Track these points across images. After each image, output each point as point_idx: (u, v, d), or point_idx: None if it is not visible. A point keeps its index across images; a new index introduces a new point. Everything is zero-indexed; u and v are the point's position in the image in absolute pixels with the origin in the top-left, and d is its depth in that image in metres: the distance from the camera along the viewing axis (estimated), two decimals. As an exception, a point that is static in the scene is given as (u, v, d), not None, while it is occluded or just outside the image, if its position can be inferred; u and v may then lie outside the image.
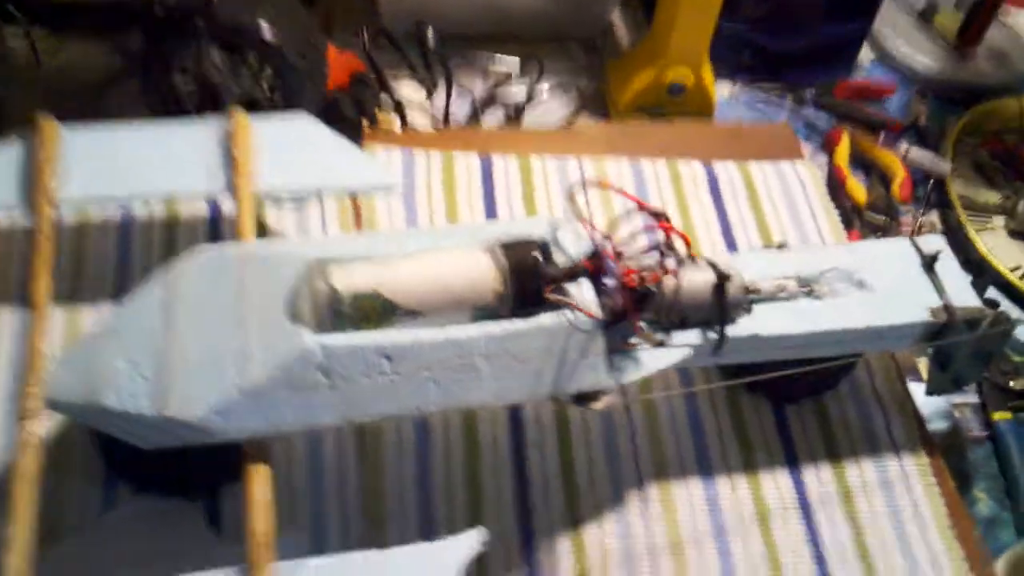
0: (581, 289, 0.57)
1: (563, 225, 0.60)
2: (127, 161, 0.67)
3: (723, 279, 0.61)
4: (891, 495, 0.70)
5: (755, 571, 0.65)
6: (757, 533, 0.67)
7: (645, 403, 0.71)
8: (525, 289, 0.56)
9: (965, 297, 0.67)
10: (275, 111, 0.76)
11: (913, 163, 0.97)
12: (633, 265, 0.59)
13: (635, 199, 0.58)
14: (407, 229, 0.76)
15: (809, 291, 0.66)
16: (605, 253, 0.57)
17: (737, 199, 0.86)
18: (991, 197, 1.01)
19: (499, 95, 0.96)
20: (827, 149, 1.00)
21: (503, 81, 0.97)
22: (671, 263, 0.58)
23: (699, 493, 0.68)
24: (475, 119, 0.94)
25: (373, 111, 0.86)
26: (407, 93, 0.94)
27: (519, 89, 0.96)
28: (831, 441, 0.72)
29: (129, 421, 0.53)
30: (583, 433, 0.70)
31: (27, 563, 0.51)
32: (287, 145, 0.70)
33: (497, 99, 0.96)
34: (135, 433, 0.55)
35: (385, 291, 0.55)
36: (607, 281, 0.57)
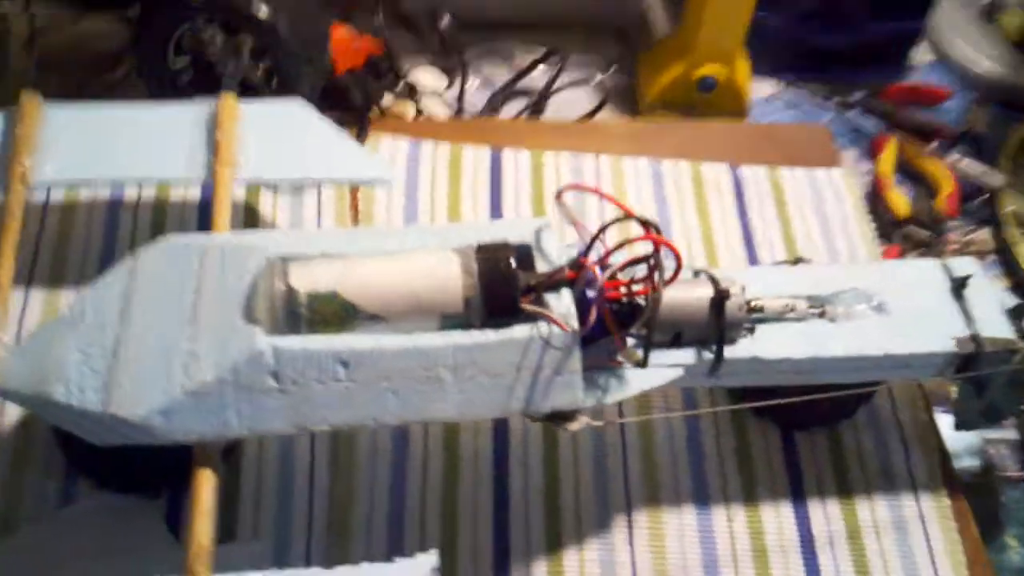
0: (561, 300, 0.53)
1: (549, 229, 0.56)
2: (109, 142, 0.65)
3: (721, 295, 0.57)
4: (904, 537, 0.64)
5: (746, 611, 0.61)
6: (751, 569, 0.62)
7: (641, 421, 0.66)
8: (497, 297, 0.52)
9: (997, 326, 0.61)
10: (272, 95, 0.73)
11: (963, 175, 0.90)
12: (623, 276, 0.54)
13: (622, 206, 0.53)
14: (387, 227, 0.72)
15: (821, 312, 0.60)
16: (584, 262, 0.52)
17: (763, 207, 0.80)
18: (1049, 216, 0.93)
19: (520, 86, 0.92)
20: (871, 156, 0.93)
21: (525, 71, 0.92)
22: (660, 276, 0.53)
23: (692, 521, 0.63)
24: (493, 110, 0.90)
25: (380, 98, 0.82)
26: (426, 80, 0.90)
27: (541, 80, 0.91)
28: (843, 474, 0.66)
29: (76, 416, 0.51)
30: (572, 450, 0.65)
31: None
32: (275, 132, 0.66)
33: (518, 90, 0.92)
34: (84, 428, 0.53)
35: (345, 293, 0.51)
36: (588, 293, 0.52)
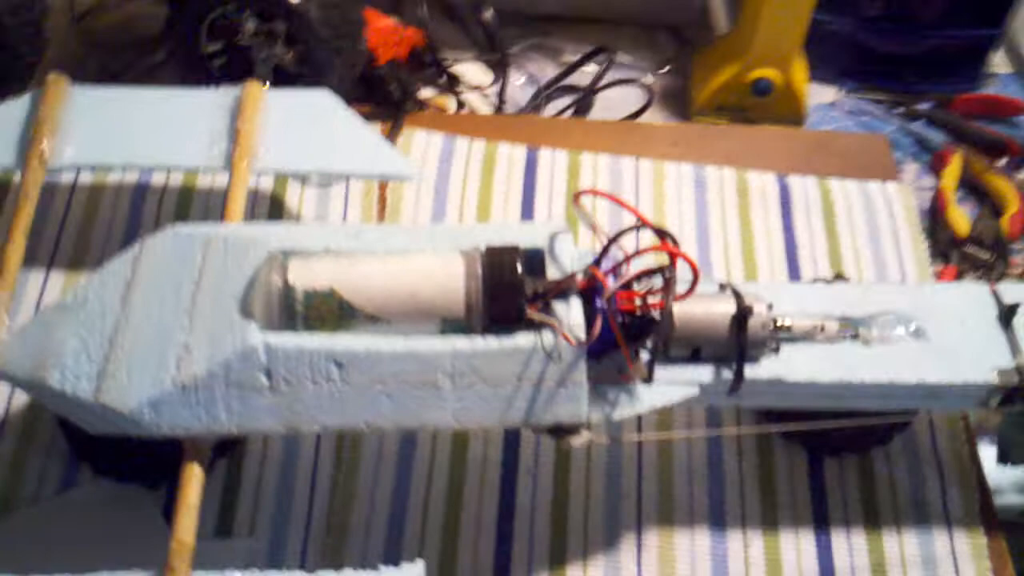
0: (570, 310, 0.50)
1: (565, 234, 0.54)
2: (132, 126, 0.64)
3: (744, 312, 0.53)
4: (933, 575, 0.60)
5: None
6: (766, 600, 0.59)
7: (661, 439, 0.63)
8: (500, 303, 0.50)
9: (1050, 359, 0.57)
10: (304, 83, 0.71)
11: (1031, 193, 0.84)
12: (640, 288, 0.52)
13: (637, 213, 0.50)
14: (401, 225, 0.71)
15: (855, 335, 0.57)
16: (594, 271, 0.50)
17: (810, 219, 0.76)
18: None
19: (569, 84, 0.89)
20: (935, 170, 0.88)
21: (571, 68, 0.89)
22: (672, 289, 0.50)
23: (705, 545, 0.60)
24: (536, 107, 0.87)
25: (417, 91, 0.80)
26: (470, 75, 0.88)
27: (589, 78, 0.88)
28: (871, 504, 0.62)
29: (70, 403, 0.51)
30: (585, 464, 0.63)
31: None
32: (300, 122, 0.65)
33: (565, 87, 0.89)
34: (79, 416, 0.52)
35: (343, 291, 0.50)
36: (598, 303, 0.50)
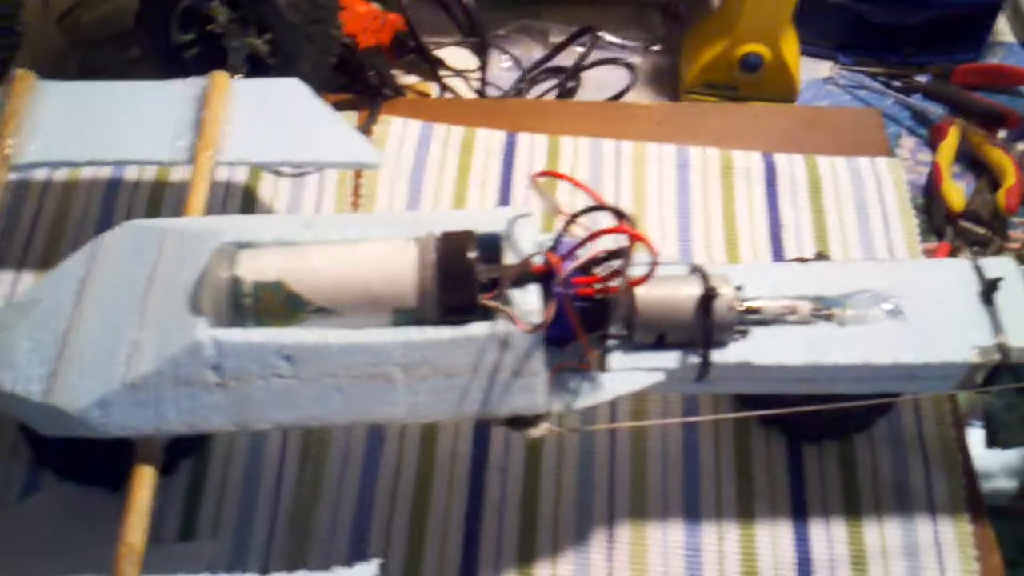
0: (528, 296, 0.49)
1: (526, 218, 0.52)
2: (100, 121, 0.64)
3: (710, 294, 0.52)
4: (916, 565, 0.58)
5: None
6: (741, 595, 0.57)
7: (635, 427, 0.62)
8: (453, 291, 0.48)
9: (1034, 335, 0.55)
10: (277, 74, 0.71)
11: (1029, 166, 0.82)
12: (600, 271, 0.50)
13: (595, 195, 0.49)
14: (355, 215, 0.69)
15: (828, 316, 0.55)
16: (548, 255, 0.48)
17: (796, 198, 0.74)
18: None
19: (557, 66, 0.87)
20: (932, 144, 0.86)
21: (556, 50, 0.88)
22: (626, 272, 0.49)
23: (678, 538, 0.59)
24: (519, 91, 0.86)
25: (392, 78, 0.79)
26: (453, 59, 0.87)
27: (574, 60, 0.87)
28: (852, 492, 0.60)
29: (22, 405, 0.50)
30: (556, 454, 0.61)
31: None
32: (266, 111, 0.64)
33: (552, 70, 0.87)
34: (32, 418, 0.52)
35: (291, 283, 0.49)
36: (555, 289, 0.48)
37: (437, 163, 0.75)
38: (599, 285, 0.50)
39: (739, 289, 0.53)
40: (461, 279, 0.48)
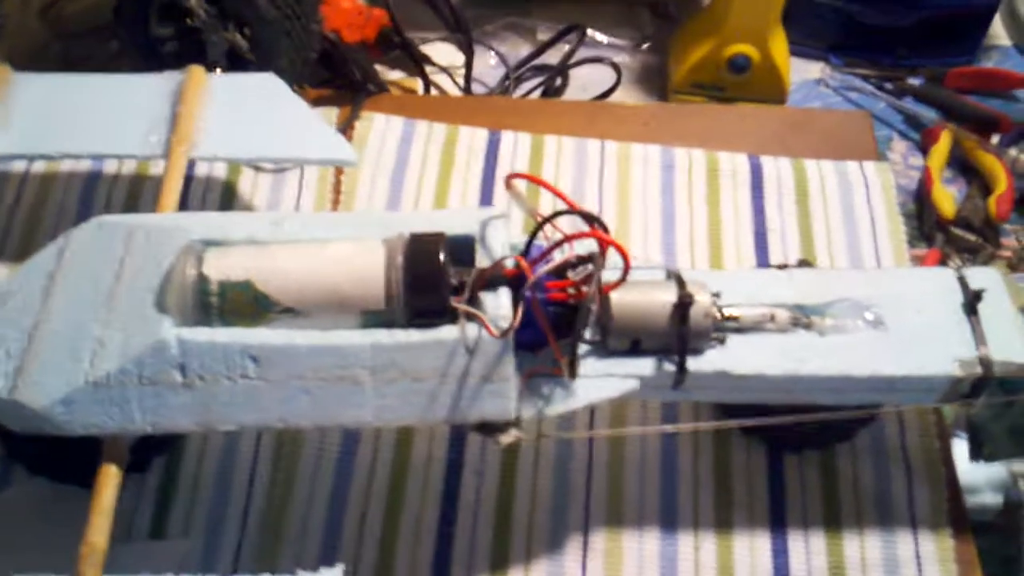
0: (499, 300, 0.48)
1: (500, 219, 0.51)
2: (74, 114, 0.63)
3: (685, 301, 0.51)
4: (894, 580, 0.57)
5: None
6: (715, 606, 0.56)
7: (614, 435, 0.61)
8: (423, 294, 0.47)
9: (1015, 347, 0.54)
10: (255, 69, 0.69)
11: (1021, 172, 0.80)
12: (574, 276, 0.49)
13: (565, 198, 0.48)
14: (326, 214, 0.68)
15: (808, 325, 0.54)
16: (518, 259, 0.47)
17: (782, 202, 0.73)
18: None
19: (545, 64, 0.86)
20: (924, 148, 0.85)
21: (542, 48, 0.87)
22: (598, 277, 0.48)
23: (654, 547, 0.58)
24: (505, 89, 0.85)
25: (376, 73, 0.78)
26: (439, 56, 0.86)
27: (560, 58, 0.86)
28: (833, 504, 0.59)
29: (-13, 401, 0.49)
30: (533, 459, 0.60)
31: None
32: (242, 108, 0.63)
33: (540, 68, 0.86)
34: (0, 413, 0.50)
35: (258, 282, 0.48)
36: (525, 293, 0.47)
37: (419, 161, 0.74)
38: (572, 290, 0.49)
39: (717, 296, 0.52)
40: (430, 281, 0.47)
